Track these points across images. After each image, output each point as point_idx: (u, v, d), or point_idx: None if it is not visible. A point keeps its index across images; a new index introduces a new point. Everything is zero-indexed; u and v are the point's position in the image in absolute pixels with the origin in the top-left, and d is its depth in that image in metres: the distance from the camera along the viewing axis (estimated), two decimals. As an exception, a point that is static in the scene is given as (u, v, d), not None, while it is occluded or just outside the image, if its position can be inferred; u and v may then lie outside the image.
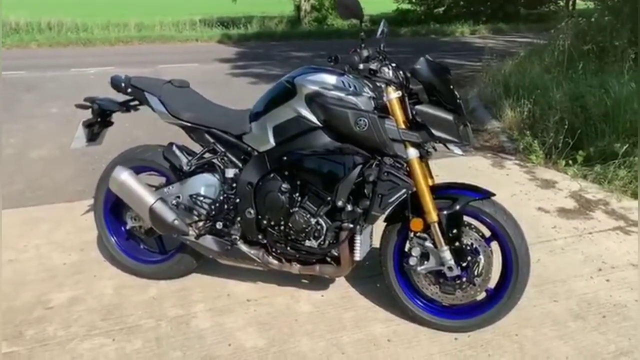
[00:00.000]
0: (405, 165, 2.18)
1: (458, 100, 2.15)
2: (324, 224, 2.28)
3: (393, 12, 21.41)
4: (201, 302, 2.55)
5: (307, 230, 2.28)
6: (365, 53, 2.11)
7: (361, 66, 2.04)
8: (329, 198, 2.24)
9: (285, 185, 2.29)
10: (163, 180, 2.63)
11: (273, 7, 22.53)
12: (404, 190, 2.15)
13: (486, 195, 2.23)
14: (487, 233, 2.27)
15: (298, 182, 2.30)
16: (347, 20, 19.05)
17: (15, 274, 2.77)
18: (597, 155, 4.19)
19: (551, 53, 6.79)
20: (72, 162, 4.30)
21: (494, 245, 2.27)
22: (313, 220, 2.28)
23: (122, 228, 2.74)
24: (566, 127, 4.38)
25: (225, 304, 2.53)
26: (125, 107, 2.64)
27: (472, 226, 2.27)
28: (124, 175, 2.44)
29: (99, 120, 2.64)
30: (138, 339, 2.28)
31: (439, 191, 2.25)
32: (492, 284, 2.30)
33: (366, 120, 2.10)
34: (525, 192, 3.87)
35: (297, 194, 2.30)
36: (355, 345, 2.25)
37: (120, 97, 2.66)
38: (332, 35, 17.08)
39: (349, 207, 2.23)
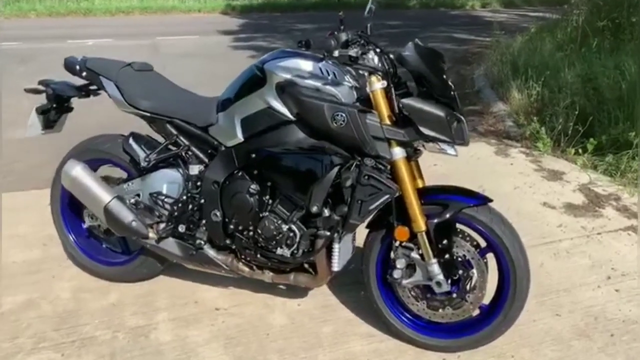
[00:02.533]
0: (389, 166, 1.89)
1: (452, 92, 1.86)
2: (297, 231, 2.01)
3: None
4: (165, 310, 2.31)
5: (277, 237, 2.02)
6: (343, 37, 1.81)
7: (336, 52, 1.75)
8: (302, 202, 1.97)
9: (254, 186, 2.02)
10: (126, 174, 2.37)
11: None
12: (386, 197, 1.87)
13: (482, 201, 1.95)
14: (483, 243, 2.01)
15: (268, 184, 2.03)
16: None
17: (-35, 274, 2.54)
18: (609, 144, 3.88)
19: (564, 29, 6.42)
20: (53, 143, 4.02)
21: (490, 256, 2.01)
22: (285, 227, 2.01)
23: (82, 225, 2.49)
24: (577, 112, 4.06)
25: (191, 313, 2.29)
26: (84, 91, 2.37)
27: (466, 235, 2.00)
28: (77, 170, 2.18)
29: (55, 106, 2.37)
30: (89, 355, 2.04)
31: (428, 196, 1.97)
32: (487, 299, 2.04)
33: (344, 115, 1.81)
34: (530, 184, 3.58)
35: (268, 197, 2.04)
36: (332, 365, 2.01)
37: (79, 81, 2.39)
38: (340, 6, 16.50)
39: (326, 213, 1.97)
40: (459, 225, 1.98)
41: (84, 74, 2.26)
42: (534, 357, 2.06)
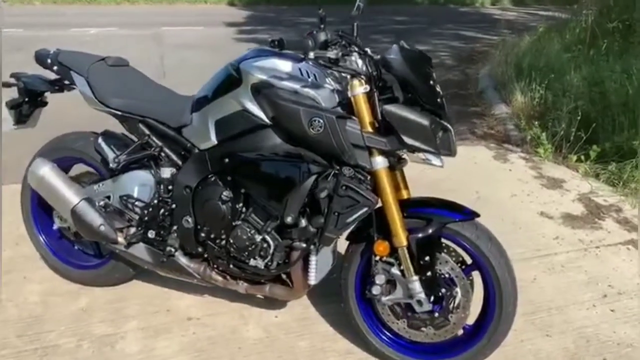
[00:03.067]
0: (369, 176, 1.77)
1: (439, 100, 1.73)
2: (271, 242, 1.89)
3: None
4: (135, 317, 2.20)
5: (250, 247, 1.90)
6: (322, 37, 1.69)
7: (311, 54, 1.62)
8: (277, 212, 1.85)
9: (227, 193, 1.90)
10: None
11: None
12: (365, 209, 1.75)
13: (468, 216, 1.82)
14: (469, 259, 1.88)
15: (242, 191, 1.91)
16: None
17: None
18: (613, 151, 3.74)
19: (572, 30, 6.25)
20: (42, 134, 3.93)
21: (477, 274, 1.89)
22: (258, 237, 1.89)
23: (53, 226, 2.38)
24: (580, 117, 3.91)
25: (162, 322, 2.18)
26: (57, 86, 2.26)
27: (451, 250, 1.87)
28: (44, 170, 2.07)
29: (27, 100, 2.26)
30: (52, 365, 1.95)
31: (411, 208, 1.85)
32: (472, 319, 1.92)
33: (322, 121, 1.69)
34: (528, 192, 3.44)
35: (241, 205, 1.92)
36: (304, 385, 1.90)
37: (54, 75, 2.28)
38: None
39: (303, 224, 1.84)
40: (444, 241, 1.86)
41: (55, 67, 2.15)
42: (520, 380, 1.95)
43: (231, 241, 1.93)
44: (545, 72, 4.82)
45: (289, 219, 1.80)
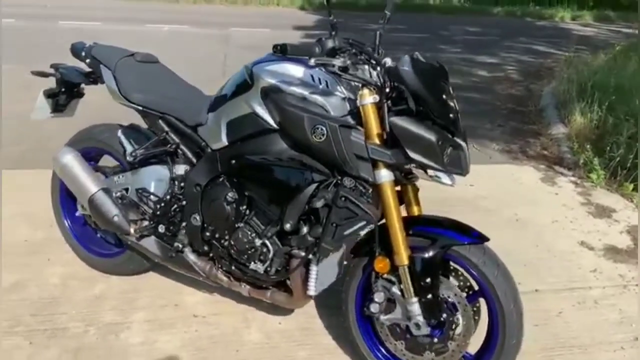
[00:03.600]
0: (371, 189, 1.71)
1: (451, 115, 1.65)
2: (270, 247, 1.87)
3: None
4: (144, 309, 2.24)
5: (250, 251, 1.89)
6: (330, 43, 1.65)
7: (312, 61, 1.57)
8: (278, 218, 1.83)
9: (232, 194, 1.90)
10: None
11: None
12: (362, 223, 1.70)
13: (476, 240, 1.72)
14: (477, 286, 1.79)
15: (246, 193, 1.90)
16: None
17: (-28, 246, 2.59)
18: (673, 183, 3.47)
19: (653, 50, 5.88)
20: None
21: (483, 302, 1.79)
22: (258, 241, 1.88)
23: (77, 212, 2.47)
24: (640, 144, 3.66)
25: (168, 316, 2.21)
26: (92, 78, 2.33)
27: (460, 274, 1.79)
28: (67, 158, 2.15)
29: (63, 90, 2.35)
30: (56, 347, 2.01)
31: (418, 226, 1.78)
32: (474, 348, 1.83)
33: (324, 129, 1.65)
34: (572, 219, 3.24)
35: (244, 207, 1.91)
36: (294, 397, 1.87)
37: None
38: (419, 9, 16.27)
39: (303, 232, 1.81)
40: (452, 264, 1.78)
41: (88, 60, 2.23)
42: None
43: (232, 243, 1.92)
44: (611, 93, 4.54)
45: (287, 226, 1.78)
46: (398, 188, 1.79)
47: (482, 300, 1.80)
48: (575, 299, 2.49)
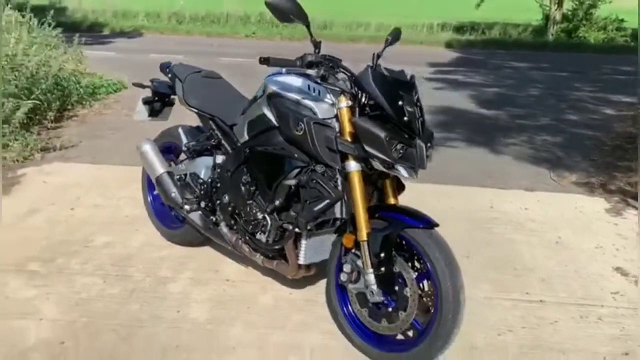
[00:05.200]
0: (338, 175, 2.10)
1: (405, 118, 1.98)
2: (269, 221, 2.33)
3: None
4: (190, 270, 2.81)
5: (254, 223, 2.37)
6: (309, 58, 2.09)
7: (283, 70, 2.03)
8: (272, 196, 2.29)
9: (245, 177, 2.41)
10: None
11: (520, 14, 21.36)
12: (327, 201, 2.08)
13: (426, 224, 2.02)
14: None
15: (254, 176, 2.39)
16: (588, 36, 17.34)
17: (89, 216, 3.40)
18: None
19: None
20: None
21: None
22: (260, 215, 2.35)
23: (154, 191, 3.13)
24: None
25: (207, 277, 2.75)
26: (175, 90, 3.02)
27: (413, 254, 2.08)
28: (145, 147, 2.83)
29: (157, 99, 3.06)
30: (120, 286, 2.65)
31: (381, 211, 2.13)
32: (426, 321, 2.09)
33: (303, 125, 2.09)
34: (620, 247, 3.22)
35: (253, 187, 2.39)
36: (278, 345, 2.27)
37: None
38: (574, 48, 15.70)
39: (293, 209, 2.25)
40: (406, 245, 2.08)
41: (169, 75, 2.91)
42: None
43: (244, 216, 2.42)
44: None
45: (277, 202, 2.23)
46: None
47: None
48: (578, 312, 2.57)
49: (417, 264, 2.09)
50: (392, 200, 2.21)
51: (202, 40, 15.18)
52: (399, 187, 2.26)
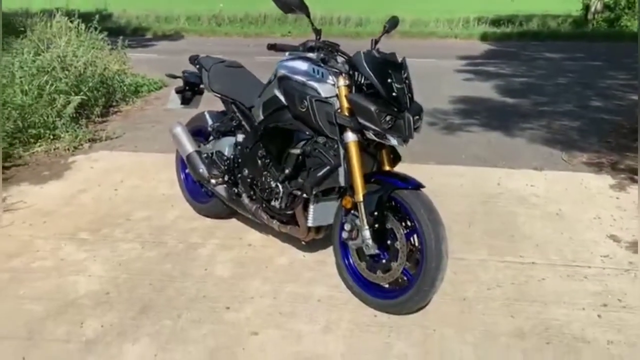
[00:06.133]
0: (337, 145, 2.41)
1: (394, 94, 2.27)
2: (281, 189, 2.66)
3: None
4: (218, 238, 3.18)
5: (268, 191, 2.71)
6: (309, 43, 2.41)
7: (286, 54, 2.36)
8: (283, 166, 2.62)
9: (261, 152, 2.75)
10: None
11: (559, 5, 21.06)
12: (327, 168, 2.40)
13: (413, 186, 2.32)
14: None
15: (268, 149, 2.72)
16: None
17: (130, 195, 3.81)
18: None
19: None
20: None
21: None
22: (274, 184, 2.69)
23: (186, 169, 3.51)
24: None
25: (232, 243, 3.12)
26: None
27: (402, 213, 2.37)
28: (176, 130, 3.22)
29: (187, 88, 3.44)
30: (155, 251, 3.04)
31: (376, 176, 2.43)
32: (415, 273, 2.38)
33: (306, 102, 2.42)
34: (617, 217, 3.41)
35: (268, 160, 2.73)
36: (290, 295, 2.61)
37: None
38: (613, 37, 15.44)
39: (300, 177, 2.58)
40: (396, 205, 2.38)
41: (197, 66, 3.29)
42: (456, 336, 2.31)
43: (260, 186, 2.76)
44: None
45: (286, 171, 2.57)
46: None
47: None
48: (565, 272, 2.80)
49: (407, 223, 2.39)
50: (387, 168, 2.51)
51: (240, 40, 15.69)
52: (395, 159, 2.56)
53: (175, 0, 21.38)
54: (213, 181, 3.07)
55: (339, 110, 2.39)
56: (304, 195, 2.56)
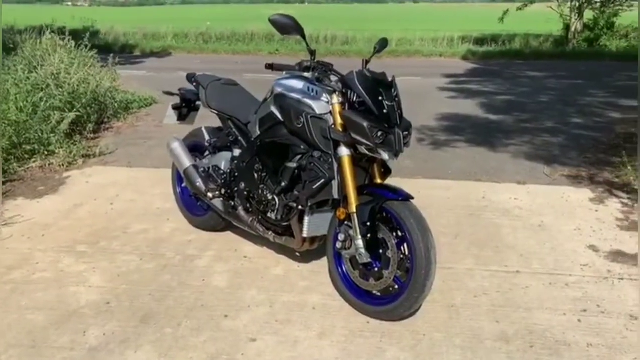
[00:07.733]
0: (331, 160, 2.54)
1: (384, 111, 2.42)
2: (277, 201, 2.78)
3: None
4: (214, 250, 3.28)
5: (264, 203, 2.83)
6: (305, 63, 2.55)
7: (284, 73, 2.50)
8: (279, 179, 2.74)
9: (258, 166, 2.87)
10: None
11: (542, 25, 21.58)
12: (322, 180, 2.52)
13: (404, 197, 2.45)
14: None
15: (265, 164, 2.84)
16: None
17: (126, 209, 3.90)
18: None
19: None
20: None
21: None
22: (270, 196, 2.80)
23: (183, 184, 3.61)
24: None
25: (228, 255, 3.22)
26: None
27: (393, 223, 2.50)
28: (173, 145, 3.33)
29: (184, 105, 3.56)
30: (154, 263, 3.12)
31: (368, 188, 2.56)
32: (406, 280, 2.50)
33: (302, 118, 2.55)
34: (597, 229, 3.57)
35: (264, 174, 2.85)
36: (286, 303, 2.71)
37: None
38: (593, 56, 15.84)
39: (296, 189, 2.70)
40: (387, 215, 2.51)
41: (194, 83, 3.41)
42: (448, 336, 2.43)
43: (257, 198, 2.88)
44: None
45: (283, 184, 2.69)
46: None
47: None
48: (548, 280, 2.94)
49: (398, 232, 2.51)
50: (378, 181, 2.64)
51: (228, 58, 15.86)
52: (386, 172, 2.70)
53: (162, 18, 21.55)
54: (210, 194, 3.18)
55: (333, 126, 2.52)
56: (300, 207, 2.68)
